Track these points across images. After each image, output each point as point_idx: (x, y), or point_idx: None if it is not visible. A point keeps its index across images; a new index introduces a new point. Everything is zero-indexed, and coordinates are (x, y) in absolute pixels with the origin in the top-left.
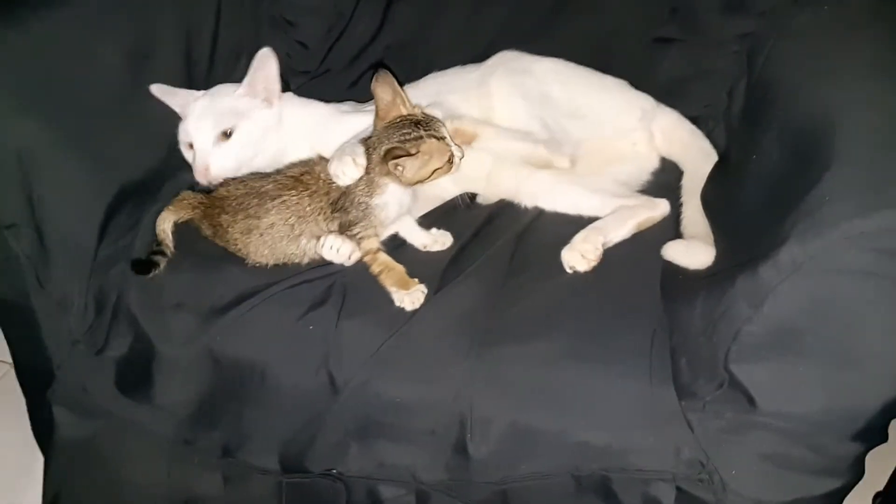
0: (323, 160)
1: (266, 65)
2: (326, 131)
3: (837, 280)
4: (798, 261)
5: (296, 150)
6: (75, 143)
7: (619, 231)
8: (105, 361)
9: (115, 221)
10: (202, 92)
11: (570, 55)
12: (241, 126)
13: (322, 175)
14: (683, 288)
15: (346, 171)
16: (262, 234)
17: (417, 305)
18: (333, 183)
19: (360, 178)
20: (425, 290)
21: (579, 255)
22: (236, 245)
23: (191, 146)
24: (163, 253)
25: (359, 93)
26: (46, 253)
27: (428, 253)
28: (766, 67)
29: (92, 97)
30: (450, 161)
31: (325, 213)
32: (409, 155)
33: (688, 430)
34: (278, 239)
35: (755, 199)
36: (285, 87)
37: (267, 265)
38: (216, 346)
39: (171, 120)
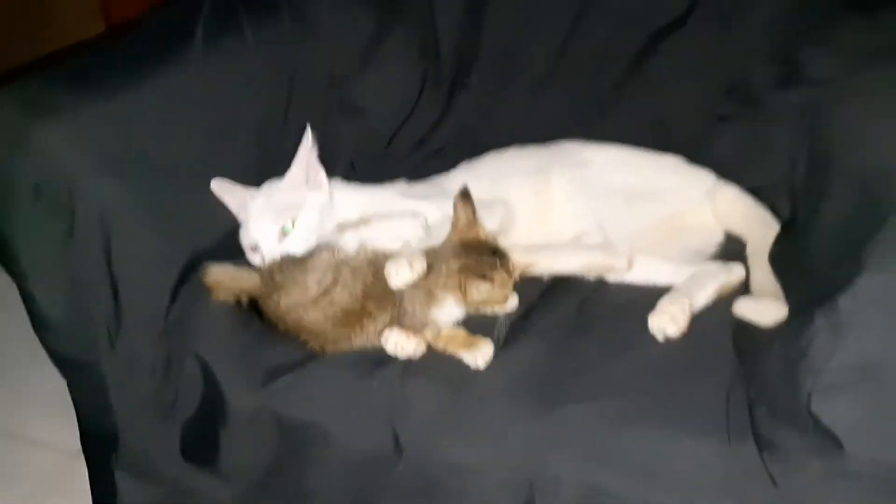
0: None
1: (308, 151)
2: (380, 212)
3: None
4: (877, 288)
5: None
6: (153, 207)
7: (701, 294)
8: (171, 425)
9: (186, 286)
10: (254, 191)
11: (630, 135)
12: (300, 217)
13: (383, 286)
14: (759, 336)
15: (400, 274)
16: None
17: (490, 358)
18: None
19: (418, 289)
20: (492, 345)
21: (668, 319)
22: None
23: (254, 248)
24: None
25: (421, 175)
26: (120, 313)
27: (493, 315)
28: (827, 130)
29: (170, 167)
30: (507, 299)
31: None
32: (485, 279)
33: (770, 488)
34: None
35: (826, 245)
36: (350, 168)
37: None
38: (279, 406)
39: None
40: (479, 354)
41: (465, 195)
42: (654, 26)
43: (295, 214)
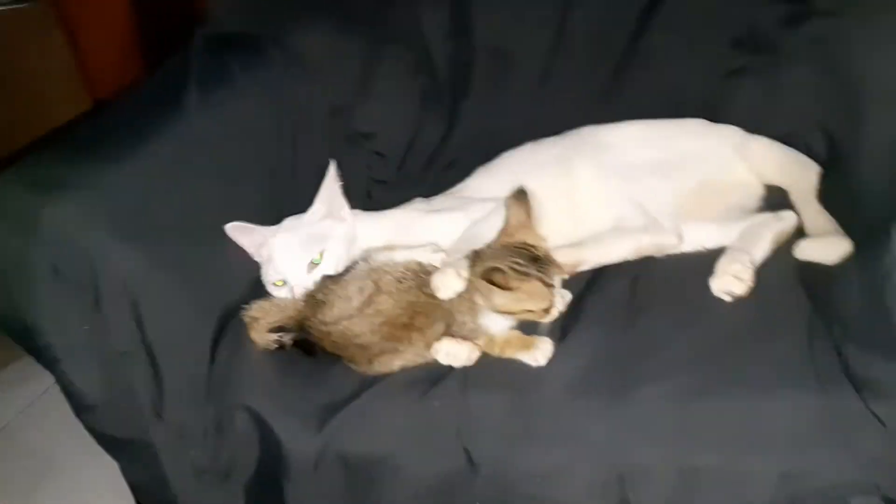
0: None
1: (332, 185)
2: (408, 235)
3: None
4: None
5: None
6: (176, 266)
7: (759, 247)
8: (233, 488)
9: (224, 341)
10: (274, 229)
11: (643, 113)
12: (329, 248)
13: (430, 298)
14: (831, 274)
15: (449, 285)
16: (375, 370)
17: (549, 356)
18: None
19: (463, 298)
20: (550, 341)
21: (732, 279)
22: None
23: (278, 283)
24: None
25: (438, 191)
26: (160, 379)
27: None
28: (849, 56)
29: (187, 224)
30: (546, 311)
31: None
32: (506, 288)
33: (878, 429)
34: (394, 368)
35: (879, 166)
36: (367, 197)
37: None
38: (341, 444)
39: None
40: (539, 353)
41: (519, 195)
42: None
43: (323, 247)
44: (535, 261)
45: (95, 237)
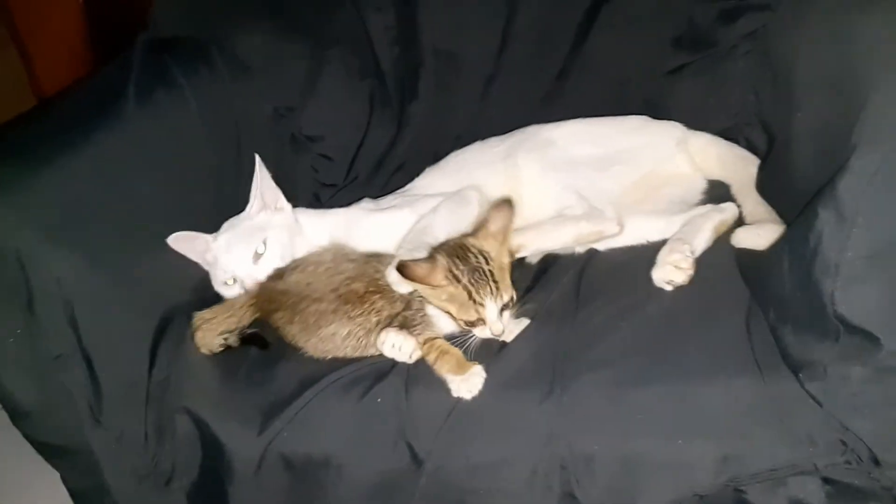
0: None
1: (261, 178)
2: (354, 233)
3: None
4: (874, 163)
5: None
6: (113, 268)
7: (699, 237)
8: (175, 495)
9: (164, 345)
10: (213, 235)
11: (588, 111)
12: (270, 236)
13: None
14: (765, 258)
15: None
16: (321, 339)
17: (475, 392)
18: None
19: None
20: (483, 374)
21: (672, 268)
22: (294, 340)
23: (228, 282)
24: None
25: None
26: (98, 383)
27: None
28: (783, 47)
29: (125, 226)
30: (470, 324)
31: (395, 320)
32: (422, 282)
33: (815, 410)
34: (342, 348)
35: (809, 151)
36: (315, 200)
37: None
38: (283, 445)
39: None
40: (465, 385)
41: (503, 204)
42: (587, 1)
43: (264, 235)
44: (476, 272)
45: (26, 238)
